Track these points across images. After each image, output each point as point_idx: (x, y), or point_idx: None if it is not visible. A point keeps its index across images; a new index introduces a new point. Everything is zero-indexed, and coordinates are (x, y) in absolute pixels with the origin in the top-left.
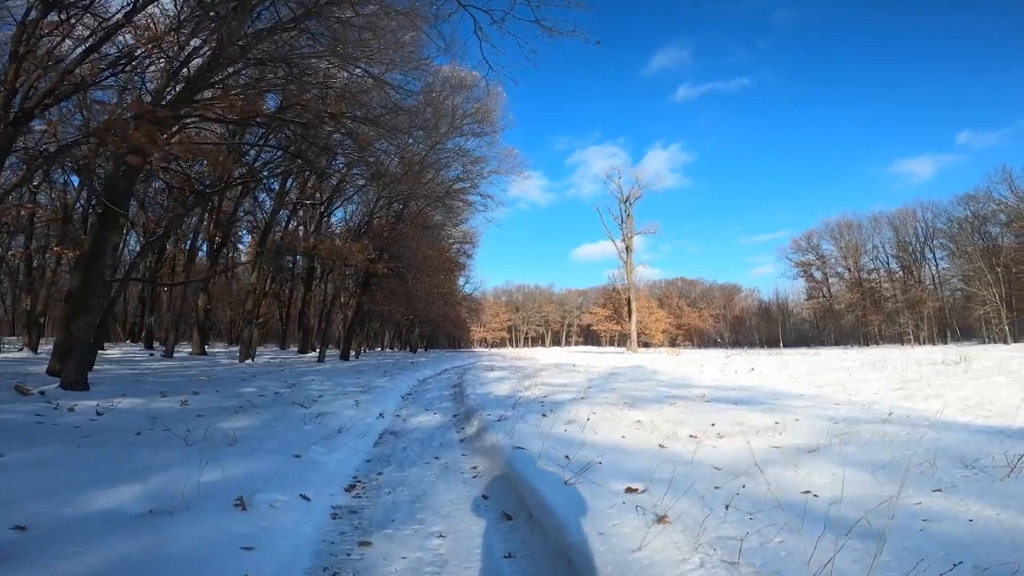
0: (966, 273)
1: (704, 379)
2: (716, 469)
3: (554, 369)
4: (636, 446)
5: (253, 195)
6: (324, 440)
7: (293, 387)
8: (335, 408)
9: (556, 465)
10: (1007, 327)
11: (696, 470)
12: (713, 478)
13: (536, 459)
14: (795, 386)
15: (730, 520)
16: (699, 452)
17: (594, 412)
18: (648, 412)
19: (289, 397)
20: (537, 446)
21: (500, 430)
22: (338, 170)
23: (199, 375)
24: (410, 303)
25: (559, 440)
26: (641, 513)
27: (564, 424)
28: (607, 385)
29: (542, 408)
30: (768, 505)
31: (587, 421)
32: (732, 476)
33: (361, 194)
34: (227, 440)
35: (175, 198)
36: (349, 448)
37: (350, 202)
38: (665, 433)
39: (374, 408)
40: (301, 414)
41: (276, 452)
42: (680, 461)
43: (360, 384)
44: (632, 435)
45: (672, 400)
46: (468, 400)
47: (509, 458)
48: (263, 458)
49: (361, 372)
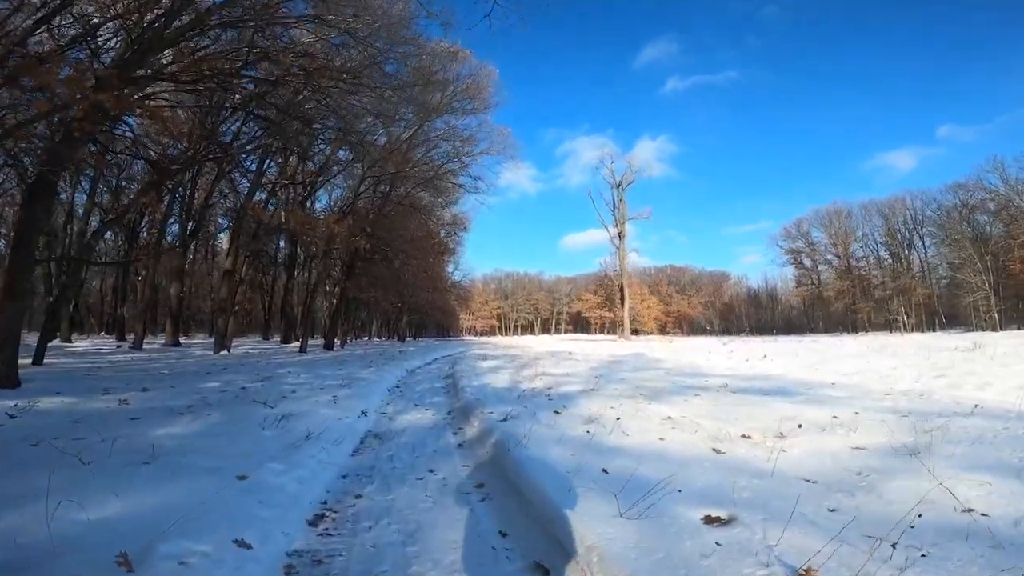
0: (956, 261)
1: (715, 368)
2: (809, 482)
3: (551, 358)
4: (684, 452)
5: (229, 178)
6: (285, 451)
7: (264, 381)
8: (307, 407)
9: (595, 485)
10: (996, 315)
11: (783, 485)
12: (814, 496)
13: (566, 476)
14: (818, 375)
15: (911, 567)
16: (771, 459)
17: (612, 407)
18: (674, 406)
19: (255, 394)
20: (560, 455)
21: (507, 433)
22: (320, 149)
23: (161, 368)
24: (397, 289)
25: (584, 446)
26: (764, 565)
27: (583, 423)
28: (614, 375)
29: (551, 403)
30: (929, 533)
31: (612, 419)
32: (836, 491)
33: (346, 175)
34: (143, 455)
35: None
36: (319, 461)
37: (335, 186)
38: (711, 433)
39: (355, 405)
40: (262, 416)
41: (212, 472)
42: (752, 472)
43: (341, 376)
44: (672, 436)
45: (694, 391)
46: (464, 394)
47: (529, 475)
48: (189, 481)
49: (344, 363)
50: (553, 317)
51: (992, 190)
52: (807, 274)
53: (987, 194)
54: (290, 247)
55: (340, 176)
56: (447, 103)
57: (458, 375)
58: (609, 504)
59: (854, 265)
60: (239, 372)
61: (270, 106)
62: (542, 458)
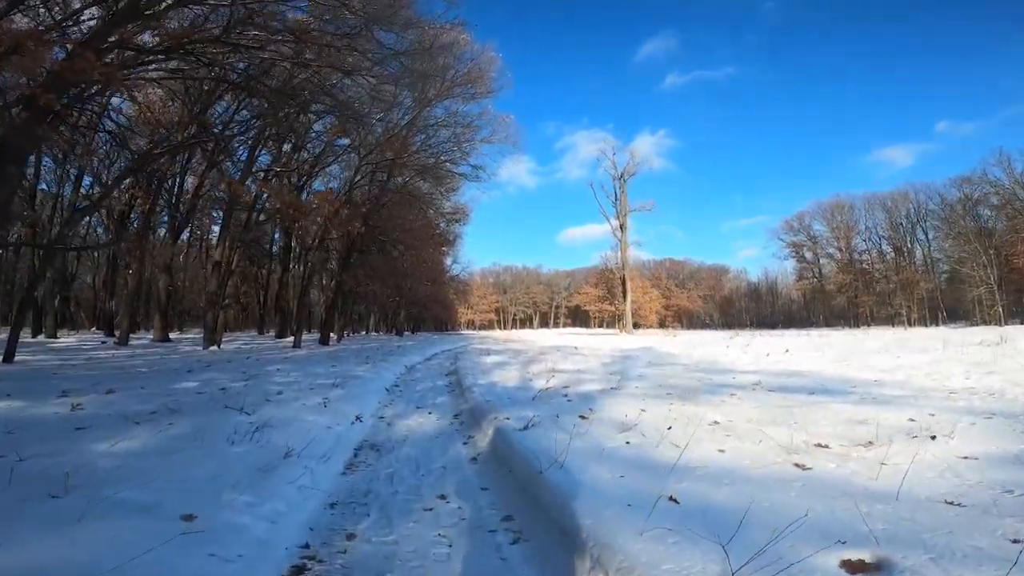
0: (960, 255)
1: (736, 363)
2: (954, 506)
3: (556, 353)
4: (758, 468)
5: (220, 168)
6: (257, 475)
7: (249, 380)
8: (291, 412)
9: (671, 523)
10: (1001, 309)
11: (920, 510)
12: (975, 524)
13: (625, 507)
14: (852, 371)
15: None
16: (877, 475)
17: (643, 409)
18: (715, 408)
19: (234, 396)
20: (607, 477)
21: (533, 446)
22: (316, 135)
23: (140, 366)
24: (395, 281)
25: (631, 463)
26: None
27: (619, 431)
28: (631, 371)
29: (572, 405)
30: None
31: (652, 426)
32: (1001, 516)
33: (343, 166)
34: (56, 484)
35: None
36: (299, 487)
37: (332, 177)
38: (779, 442)
39: (348, 409)
40: (234, 426)
41: (147, 511)
42: (868, 495)
43: (335, 374)
44: (732, 447)
45: (728, 391)
46: (472, 395)
47: (577, 508)
48: (110, 525)
49: (339, 359)
50: (552, 311)
51: (996, 183)
52: (808, 268)
53: (991, 188)
54: (284, 239)
55: (336, 166)
56: (447, 88)
57: (462, 372)
58: (707, 554)
59: (856, 259)
60: (224, 370)
61: (260, 86)
62: (585, 481)
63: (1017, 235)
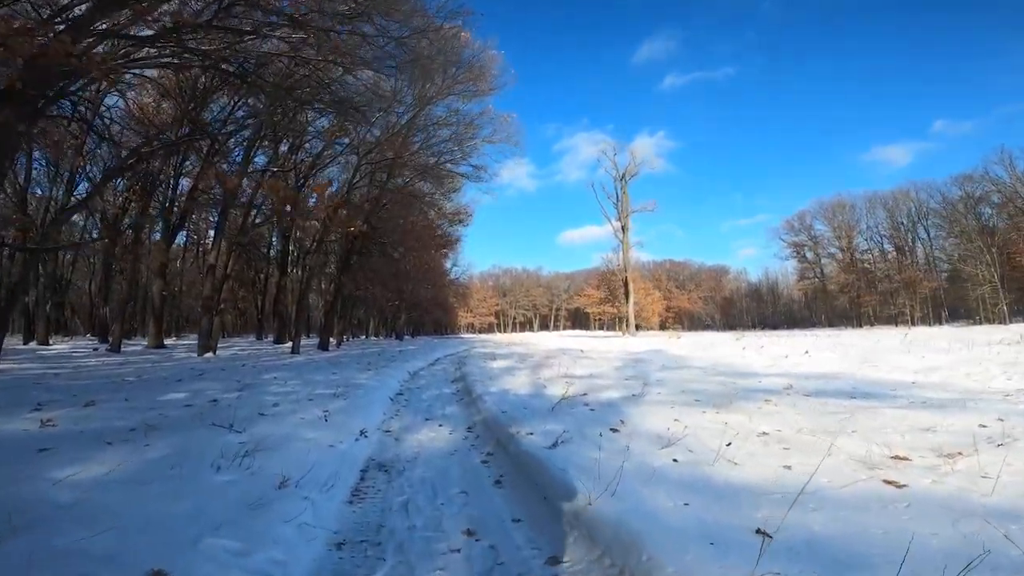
0: (964, 253)
1: (753, 365)
2: None
3: (564, 356)
4: (841, 488)
5: (216, 168)
6: (246, 512)
7: (243, 391)
8: (288, 428)
9: (774, 564)
10: (1005, 307)
11: None
12: None
13: (708, 547)
14: (882, 372)
15: None
16: (994, 490)
17: (676, 419)
18: (756, 417)
19: (224, 410)
20: (669, 507)
21: (569, 468)
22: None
23: (128, 375)
24: (396, 284)
25: (689, 486)
26: None
27: (660, 447)
28: (647, 376)
29: (595, 415)
30: None
31: (698, 440)
32: None
33: (341, 168)
34: None
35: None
36: (299, 525)
37: (331, 180)
38: (852, 455)
39: (351, 422)
40: (221, 447)
41: (105, 565)
42: (989, 512)
43: (336, 383)
44: (799, 463)
45: (761, 396)
46: (483, 404)
47: (651, 551)
48: None
49: (340, 365)
50: (552, 314)
51: (998, 181)
52: (810, 267)
53: (993, 186)
54: (282, 242)
55: (335, 168)
56: (448, 86)
57: (469, 379)
58: None
59: (858, 258)
60: (217, 379)
61: (257, 80)
62: (645, 512)
63: (1019, 233)
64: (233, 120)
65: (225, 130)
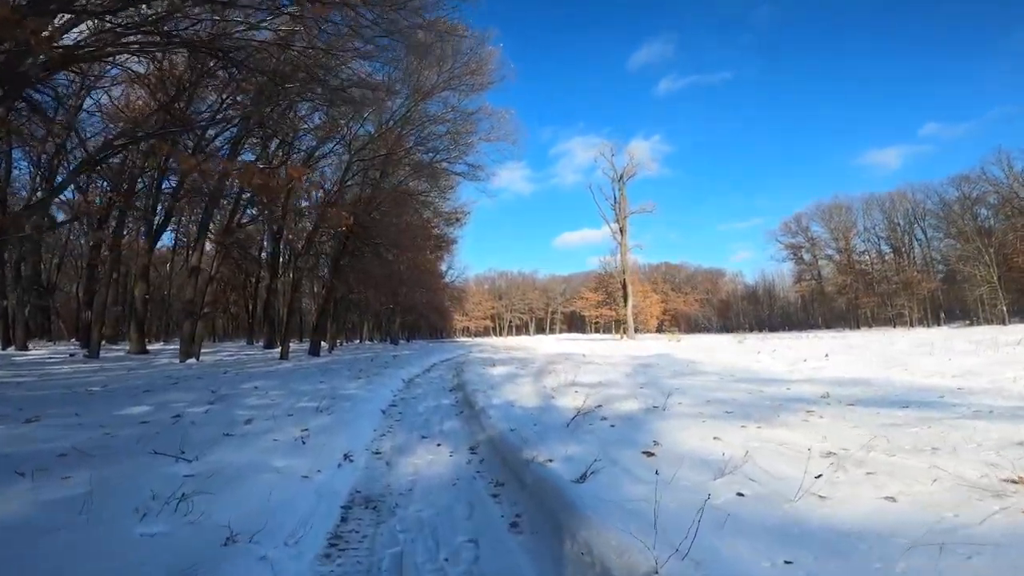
0: (963, 254)
1: (772, 370)
2: None
3: (565, 361)
4: (983, 524)
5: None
6: None
7: (215, 403)
8: (254, 455)
9: None
10: (1004, 308)
11: None
12: None
13: None
14: (915, 376)
15: None
16: None
17: (717, 438)
18: (806, 432)
19: (183, 430)
20: (759, 566)
21: (606, 507)
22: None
23: (94, 384)
24: (390, 287)
25: (776, 532)
26: None
27: (710, 473)
28: (662, 383)
29: (617, 432)
30: None
31: (766, 470)
32: None
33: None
34: None
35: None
36: None
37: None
38: (960, 477)
39: (335, 443)
40: (156, 484)
41: None
42: None
43: (322, 393)
44: (902, 493)
45: (799, 406)
46: (488, 419)
47: None
48: None
49: (329, 372)
50: (548, 317)
51: (996, 182)
52: (807, 269)
53: (991, 186)
54: (272, 244)
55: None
56: (444, 82)
57: (469, 388)
58: None
59: (856, 260)
60: (191, 388)
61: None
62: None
63: (1017, 234)
64: (221, 114)
65: (211, 124)
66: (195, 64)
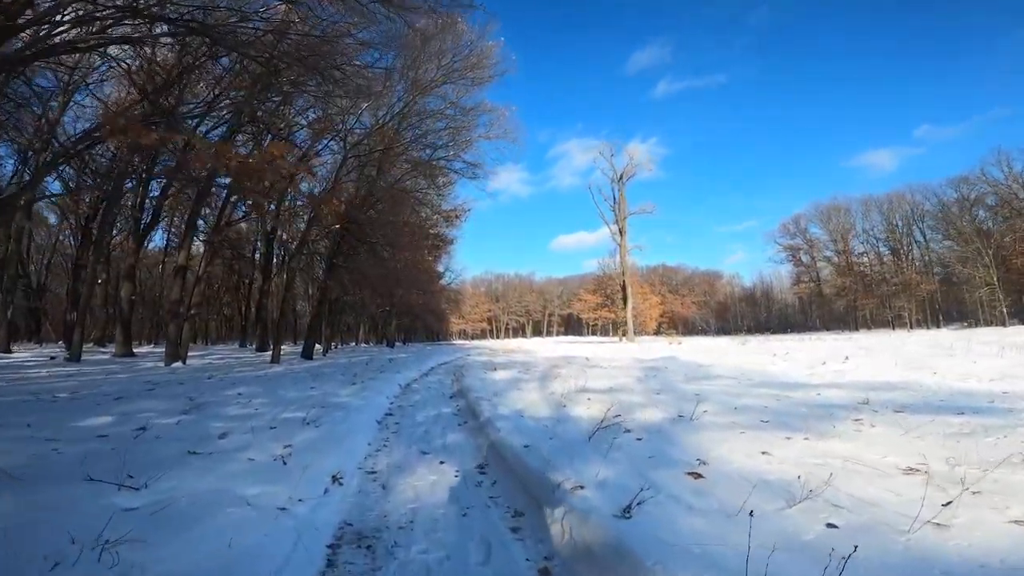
0: (962, 255)
1: (793, 374)
2: None
3: (570, 365)
4: None
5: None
6: None
7: (190, 413)
8: (219, 480)
9: None
10: (1004, 309)
11: None
12: None
13: None
14: (948, 379)
15: None
16: None
17: (766, 452)
18: (860, 443)
19: (145, 444)
20: None
21: (682, 562)
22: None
23: (66, 389)
24: (386, 287)
25: None
26: None
27: (782, 501)
28: (678, 388)
29: (646, 447)
30: None
31: (850, 494)
32: None
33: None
34: None
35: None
36: None
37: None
38: None
39: (322, 463)
40: (79, 524)
41: None
42: None
43: (311, 401)
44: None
45: (845, 414)
46: (495, 432)
47: None
48: None
49: (322, 377)
50: (545, 320)
51: (995, 183)
52: (806, 271)
53: (990, 187)
54: (265, 245)
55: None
56: (443, 77)
57: (472, 395)
58: None
59: (855, 261)
60: (167, 396)
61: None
62: None
63: (1015, 235)
64: (212, 108)
65: (199, 116)
66: (184, 56)
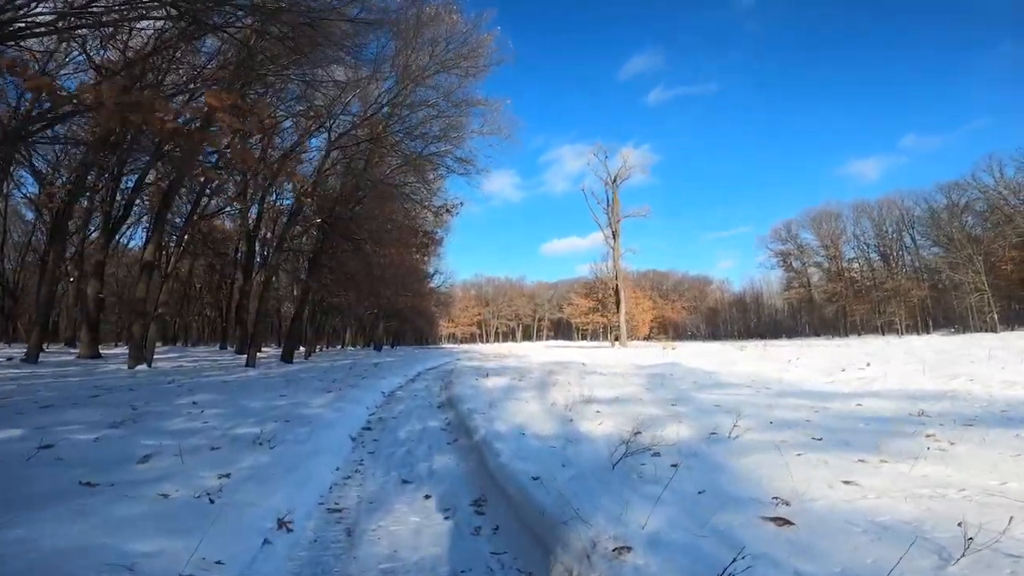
0: (953, 261)
1: (813, 381)
2: None
3: (567, 372)
4: None
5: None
6: None
7: (121, 426)
8: (91, 531)
9: None
10: (995, 315)
11: None
12: None
13: None
14: (991, 388)
15: None
16: None
17: (849, 482)
18: (967, 468)
19: (39, 467)
20: None
21: None
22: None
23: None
24: (372, 287)
25: None
26: None
27: (926, 557)
28: (693, 399)
29: (691, 478)
30: None
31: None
32: None
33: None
34: None
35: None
36: None
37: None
38: None
39: (264, 501)
40: None
41: None
42: None
43: (275, 413)
44: None
45: (911, 428)
46: (494, 456)
47: None
48: None
49: (296, 383)
50: (535, 324)
51: (985, 188)
52: (796, 277)
53: (980, 193)
54: (247, 243)
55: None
56: (437, 66)
57: (463, 406)
58: None
59: (845, 267)
60: (108, 404)
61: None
62: None
63: (1005, 241)
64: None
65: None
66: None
